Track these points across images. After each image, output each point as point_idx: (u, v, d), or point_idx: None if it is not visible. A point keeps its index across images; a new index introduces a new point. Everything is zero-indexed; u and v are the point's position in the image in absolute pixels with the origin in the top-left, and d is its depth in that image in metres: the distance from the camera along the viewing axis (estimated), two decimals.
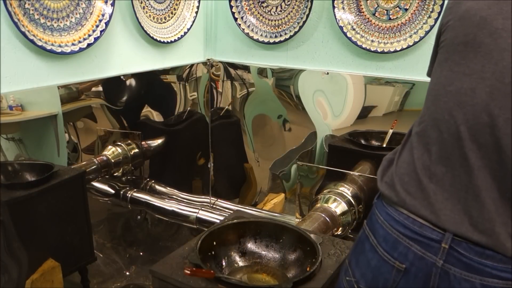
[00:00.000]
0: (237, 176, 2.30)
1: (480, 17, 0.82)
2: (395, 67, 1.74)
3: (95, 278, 1.91)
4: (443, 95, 0.86)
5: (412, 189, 0.87)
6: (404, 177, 0.89)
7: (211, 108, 2.25)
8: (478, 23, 0.82)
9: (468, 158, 0.81)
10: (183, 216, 1.99)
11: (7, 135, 1.47)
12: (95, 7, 1.58)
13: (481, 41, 0.81)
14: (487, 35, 0.80)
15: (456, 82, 0.84)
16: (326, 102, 1.91)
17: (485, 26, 0.81)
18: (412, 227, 0.86)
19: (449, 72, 0.86)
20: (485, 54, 0.80)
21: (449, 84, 0.85)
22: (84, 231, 1.63)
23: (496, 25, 0.80)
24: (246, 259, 1.32)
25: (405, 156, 0.92)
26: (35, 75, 1.47)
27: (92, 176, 1.84)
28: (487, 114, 0.79)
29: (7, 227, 1.34)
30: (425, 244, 0.84)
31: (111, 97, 1.83)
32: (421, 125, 0.90)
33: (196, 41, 2.11)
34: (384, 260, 0.90)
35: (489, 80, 0.79)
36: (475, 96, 0.80)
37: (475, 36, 0.82)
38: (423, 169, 0.86)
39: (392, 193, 0.90)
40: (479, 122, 0.80)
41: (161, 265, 1.21)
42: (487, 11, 0.81)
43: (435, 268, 0.83)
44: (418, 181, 0.87)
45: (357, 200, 1.76)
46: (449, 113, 0.84)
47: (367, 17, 1.73)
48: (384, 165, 0.98)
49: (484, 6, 0.82)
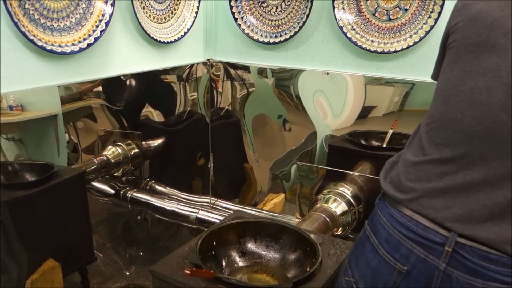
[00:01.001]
0: (237, 176, 2.30)
1: (493, 18, 0.82)
2: (395, 67, 1.74)
3: (95, 278, 1.91)
4: (454, 95, 0.85)
5: (418, 188, 0.87)
6: (411, 177, 0.89)
7: (211, 108, 2.25)
8: (491, 24, 0.82)
9: (485, 157, 0.80)
10: (183, 216, 1.99)
11: (7, 135, 1.47)
12: (95, 7, 1.58)
13: (495, 41, 0.81)
14: (501, 35, 0.81)
15: (469, 81, 0.84)
16: (326, 102, 1.91)
17: (498, 27, 0.81)
18: (415, 230, 0.85)
19: (461, 72, 0.85)
20: (500, 54, 0.81)
21: (461, 84, 0.85)
22: (84, 231, 1.63)
23: (509, 25, 0.80)
24: (246, 259, 1.32)
25: (412, 156, 0.91)
26: (35, 75, 1.47)
27: (92, 176, 1.84)
28: (505, 113, 0.79)
29: (7, 227, 1.34)
30: (428, 247, 0.84)
31: (111, 97, 1.83)
32: (431, 126, 0.90)
33: (196, 41, 2.11)
34: (385, 261, 0.89)
35: (505, 79, 0.79)
36: (491, 95, 0.80)
37: (489, 37, 0.82)
38: (434, 168, 0.86)
39: (398, 193, 0.90)
40: (497, 121, 0.80)
41: (161, 265, 1.21)
42: (500, 12, 0.82)
43: (438, 271, 0.83)
44: (428, 180, 0.86)
45: (357, 200, 1.76)
46: (462, 113, 0.84)
47: (367, 17, 1.73)
48: (387, 167, 0.98)
49: (496, 8, 0.82)
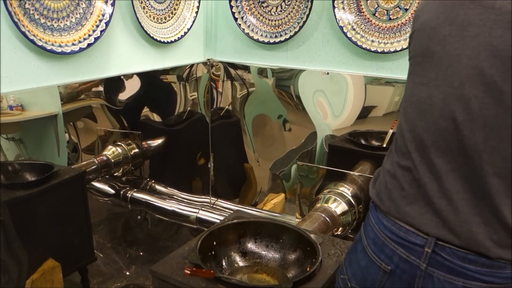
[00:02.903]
0: (237, 176, 2.30)
1: (430, 28, 0.85)
2: (395, 67, 1.74)
3: (95, 278, 1.91)
4: (408, 107, 0.90)
5: (396, 197, 0.90)
6: (388, 185, 0.93)
7: (211, 108, 2.25)
8: (429, 33, 0.85)
9: (435, 165, 0.83)
10: (183, 216, 1.99)
11: (7, 135, 1.47)
12: (95, 7, 1.58)
13: (433, 50, 0.84)
14: (436, 43, 0.83)
15: (416, 92, 0.87)
16: (326, 102, 1.91)
17: (435, 36, 0.84)
18: (398, 233, 0.88)
19: (412, 84, 0.90)
20: (437, 62, 0.83)
21: (411, 95, 0.89)
22: (84, 231, 1.63)
23: (443, 32, 0.82)
24: (246, 259, 1.32)
25: (388, 165, 0.95)
26: (35, 75, 1.47)
27: (92, 176, 1.84)
28: (444, 119, 0.82)
29: (7, 227, 1.34)
30: (409, 248, 0.87)
31: (111, 97, 1.83)
32: (397, 136, 0.94)
33: (196, 41, 2.11)
34: (372, 261, 0.93)
35: (441, 87, 0.82)
36: (432, 104, 0.84)
37: (428, 47, 0.85)
38: (404, 176, 0.89)
39: (379, 202, 0.94)
40: (438, 128, 0.82)
41: (161, 265, 1.21)
42: (436, 20, 0.84)
43: (419, 271, 0.86)
44: (400, 188, 0.89)
45: (357, 200, 1.76)
46: (413, 124, 0.87)
47: (367, 17, 1.73)
48: (375, 176, 1.02)
49: (434, 17, 0.85)
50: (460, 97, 0.79)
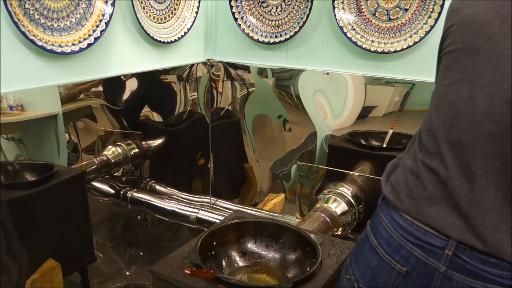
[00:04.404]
0: (237, 176, 2.30)
1: (477, 23, 0.80)
2: (395, 67, 1.74)
3: (95, 278, 1.91)
4: (443, 105, 0.85)
5: (417, 196, 0.87)
6: (409, 183, 0.89)
7: (211, 108, 2.25)
8: (475, 29, 0.80)
9: (470, 168, 0.80)
10: (183, 216, 1.99)
11: (7, 135, 1.47)
12: (95, 7, 1.58)
13: (479, 47, 0.79)
14: (484, 40, 0.79)
15: (456, 90, 0.83)
16: (326, 102, 1.91)
17: (482, 31, 0.79)
18: (415, 234, 0.85)
19: (449, 80, 0.85)
20: (483, 61, 0.79)
21: (449, 92, 0.84)
22: (84, 231, 1.63)
23: (493, 29, 0.78)
24: (246, 259, 1.32)
25: (409, 162, 0.91)
26: (35, 75, 1.47)
27: (92, 176, 1.84)
28: (488, 122, 0.78)
29: (7, 227, 1.34)
30: (428, 250, 0.84)
31: (111, 97, 1.83)
32: (424, 133, 0.89)
33: (196, 41, 2.11)
34: (384, 262, 0.90)
35: (488, 87, 0.78)
36: (475, 104, 0.79)
37: (473, 42, 0.80)
38: (428, 176, 0.86)
39: (396, 200, 0.90)
40: (480, 131, 0.79)
41: (161, 265, 1.21)
42: (484, 15, 0.80)
43: (438, 273, 0.83)
44: (423, 188, 0.86)
45: (357, 200, 1.76)
46: (450, 123, 0.83)
47: (367, 17, 1.73)
48: (388, 170, 0.98)
49: (481, 11, 0.80)
50: (510, 100, 0.76)
